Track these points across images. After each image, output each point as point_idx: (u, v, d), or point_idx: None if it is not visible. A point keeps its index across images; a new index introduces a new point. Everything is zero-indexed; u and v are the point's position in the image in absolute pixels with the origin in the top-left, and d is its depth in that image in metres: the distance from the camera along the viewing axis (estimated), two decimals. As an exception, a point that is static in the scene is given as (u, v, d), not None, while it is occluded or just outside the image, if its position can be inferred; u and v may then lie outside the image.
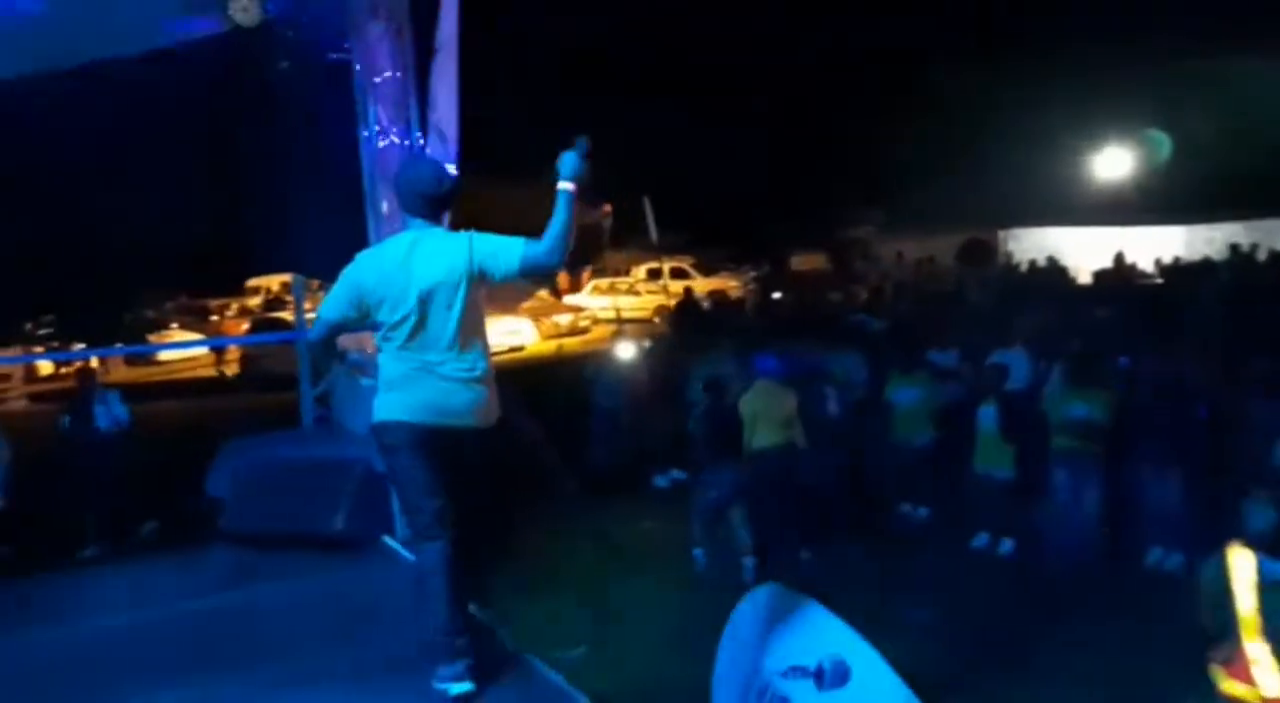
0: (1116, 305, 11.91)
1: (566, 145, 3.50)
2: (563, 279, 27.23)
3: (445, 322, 3.39)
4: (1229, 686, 3.34)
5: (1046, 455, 6.92)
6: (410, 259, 3.41)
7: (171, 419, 13.58)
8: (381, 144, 5.01)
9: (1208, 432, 6.48)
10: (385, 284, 3.38)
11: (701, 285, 24.02)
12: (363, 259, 3.55)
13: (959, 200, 20.38)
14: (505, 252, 3.41)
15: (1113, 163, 18.67)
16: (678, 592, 6.41)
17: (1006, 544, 7.11)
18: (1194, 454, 6.39)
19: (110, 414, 7.71)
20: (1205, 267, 14.73)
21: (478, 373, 3.49)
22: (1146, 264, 16.70)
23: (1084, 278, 16.91)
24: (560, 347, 19.64)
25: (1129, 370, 7.43)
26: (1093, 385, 6.88)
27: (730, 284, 24.39)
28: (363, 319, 3.47)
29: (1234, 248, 15.19)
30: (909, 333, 9.56)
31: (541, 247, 3.39)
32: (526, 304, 21.63)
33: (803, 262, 32.46)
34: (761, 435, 6.86)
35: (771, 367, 7.21)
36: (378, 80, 5.04)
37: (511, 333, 19.95)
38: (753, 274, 26.38)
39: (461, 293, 3.39)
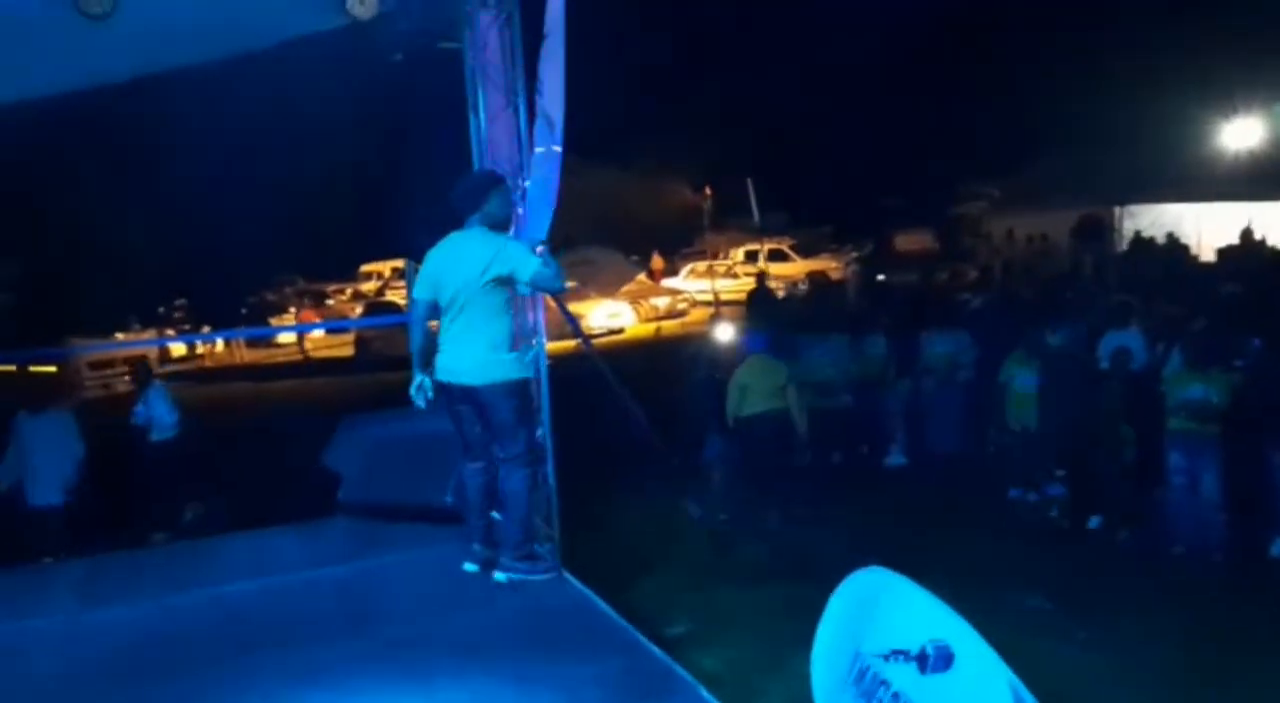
0: (1244, 283, 11.26)
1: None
2: (658, 262, 27.31)
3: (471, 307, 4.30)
4: None
5: (1163, 438, 6.67)
6: (452, 254, 4.34)
7: (290, 397, 14.24)
8: (491, 131, 5.15)
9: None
10: (441, 272, 4.33)
11: (800, 267, 23.77)
12: (431, 250, 4.44)
13: (1074, 175, 19.53)
14: (522, 265, 4.23)
15: (1242, 133, 17.54)
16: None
17: (1124, 533, 6.89)
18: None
19: (148, 413, 7.83)
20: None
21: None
22: (1278, 240, 15.69)
23: (1207, 256, 16.01)
24: (659, 329, 19.75)
25: (1260, 351, 7.05)
26: (1213, 366, 6.58)
27: (831, 265, 24.01)
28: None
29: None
30: (1022, 313, 9.28)
31: (548, 272, 4.24)
32: (626, 288, 21.81)
33: (908, 240, 31.69)
34: (751, 404, 7.67)
35: (762, 344, 8.27)
36: (487, 68, 5.17)
37: (612, 316, 20.17)
38: (854, 255, 25.89)
39: (481, 287, 4.23)
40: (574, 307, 19.28)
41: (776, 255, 25.28)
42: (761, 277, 16.06)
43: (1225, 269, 13.97)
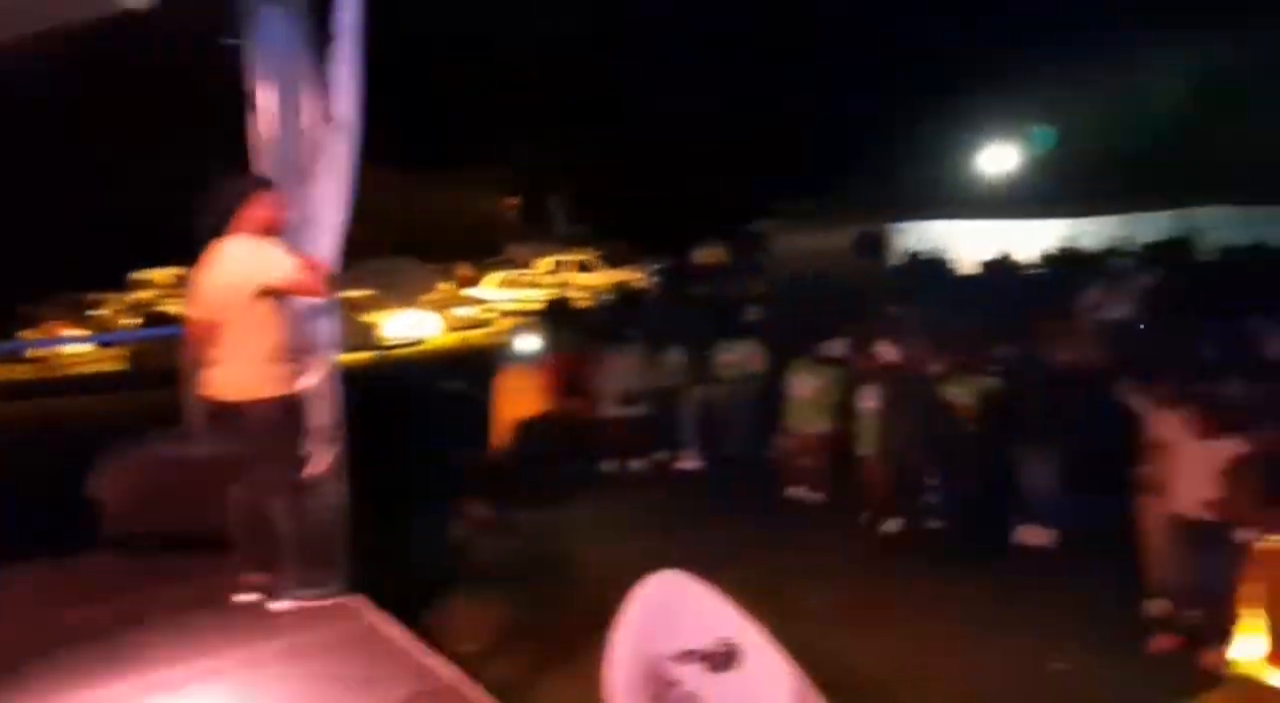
0: (1000, 294, 12.49)
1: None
2: (464, 271, 26.94)
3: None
4: None
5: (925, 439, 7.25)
6: (217, 264, 4.15)
7: (49, 418, 12.94)
8: (272, 132, 4.89)
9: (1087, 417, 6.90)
10: (207, 284, 4.15)
11: (605, 278, 24.12)
12: (199, 262, 4.24)
13: (854, 195, 21.01)
14: (281, 273, 4.11)
15: (997, 158, 19.50)
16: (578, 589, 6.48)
17: (894, 523, 7.45)
18: (1071, 440, 6.79)
19: None
20: (1088, 257, 15.55)
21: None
22: (1029, 256, 17.54)
23: (971, 268, 17.65)
24: (464, 339, 19.47)
25: (1011, 359, 7.81)
26: (969, 372, 7.22)
27: (635, 277, 24.55)
28: None
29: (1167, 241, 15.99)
30: (803, 323, 9.87)
31: (310, 279, 4.17)
32: (429, 297, 21.34)
33: (704, 255, 32.86)
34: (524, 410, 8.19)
35: (524, 354, 9.05)
36: (270, 65, 4.91)
37: (415, 326, 19.67)
38: (656, 266, 26.60)
39: (245, 297, 4.07)
40: (373, 316, 18.66)
41: (582, 266, 25.53)
42: (560, 291, 16.13)
43: (984, 282, 15.41)
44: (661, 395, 9.39)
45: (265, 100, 4.87)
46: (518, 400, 8.18)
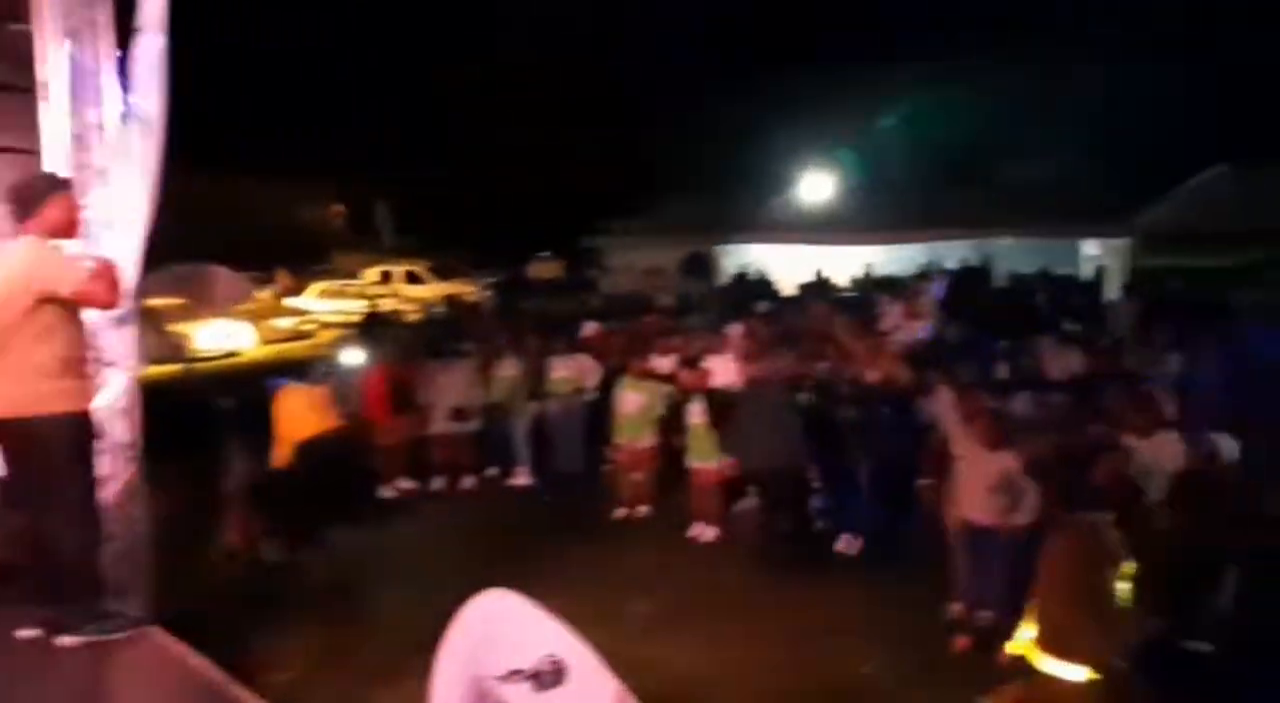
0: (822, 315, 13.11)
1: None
2: (284, 280, 25.74)
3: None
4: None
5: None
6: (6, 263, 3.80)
7: None
8: (64, 124, 4.51)
9: (890, 431, 7.35)
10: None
11: (436, 290, 23.64)
12: None
13: (685, 216, 21.56)
14: (65, 279, 3.77)
15: (815, 186, 20.58)
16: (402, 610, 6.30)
17: (712, 532, 7.71)
18: (877, 450, 7.21)
19: None
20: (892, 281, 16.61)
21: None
22: (842, 279, 18.61)
23: (790, 289, 18.49)
24: (281, 351, 18.55)
25: (823, 376, 8.22)
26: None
27: (466, 290, 24.17)
28: None
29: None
30: (630, 341, 10.04)
31: (97, 286, 3.81)
32: (244, 307, 20.22)
33: (539, 269, 32.84)
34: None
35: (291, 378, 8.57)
36: (62, 56, 4.53)
37: (226, 337, 18.56)
38: (489, 280, 26.32)
39: (27, 304, 3.71)
40: (182, 326, 17.49)
41: (412, 278, 24.92)
42: (389, 303, 15.67)
43: (803, 302, 16.15)
44: (493, 411, 9.29)
45: (58, 92, 4.50)
46: (300, 418, 7.76)
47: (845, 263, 19.38)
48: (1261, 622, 4.71)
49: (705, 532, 7.77)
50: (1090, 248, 18.77)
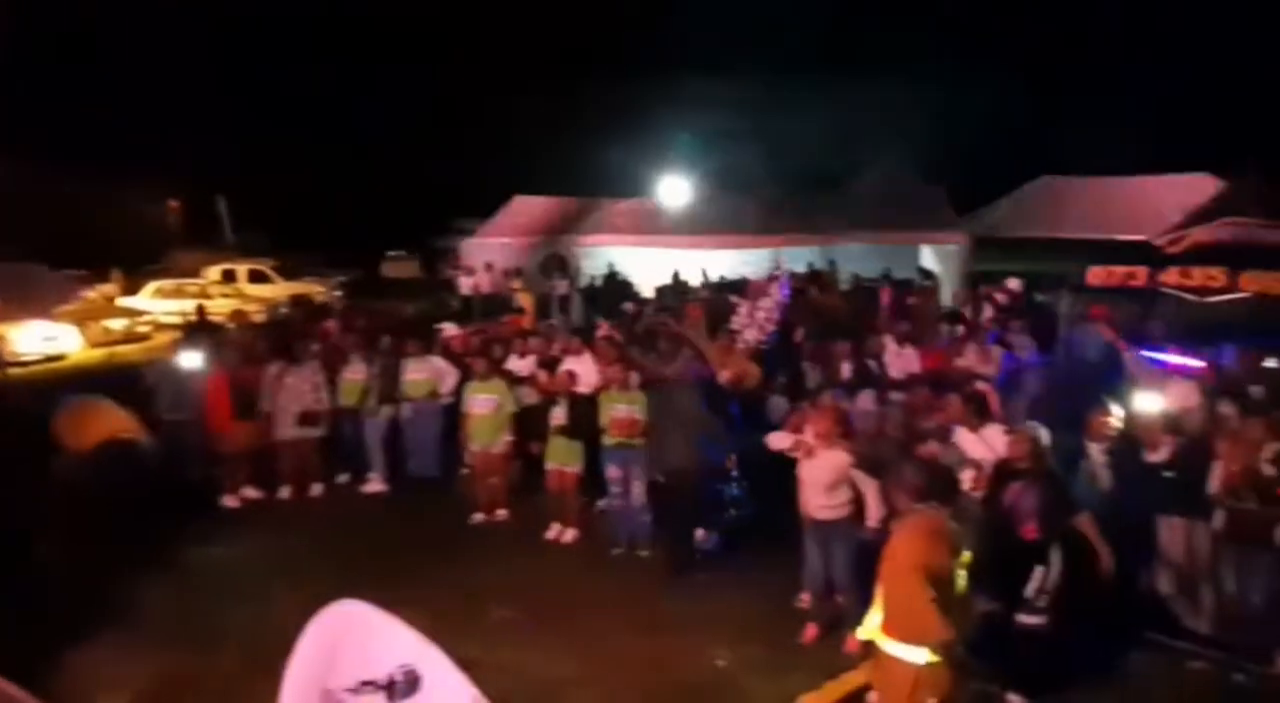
0: (674, 314, 13.39)
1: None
2: (115, 280, 24.14)
3: None
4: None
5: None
6: None
7: None
8: None
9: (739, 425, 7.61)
10: None
11: (283, 290, 22.70)
12: None
13: (543, 215, 21.50)
14: None
15: (673, 189, 20.92)
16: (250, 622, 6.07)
17: (571, 533, 7.78)
18: (730, 446, 7.44)
19: None
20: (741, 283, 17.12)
21: None
22: (697, 280, 19.05)
23: (647, 291, 18.76)
24: (112, 355, 17.39)
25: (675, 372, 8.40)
26: (640, 388, 7.68)
27: (316, 289, 23.27)
28: None
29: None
30: (487, 342, 9.97)
31: None
32: (68, 307, 18.82)
33: (394, 268, 32.00)
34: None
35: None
36: None
37: (48, 340, 17.22)
38: (340, 279, 25.41)
39: None
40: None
41: (258, 277, 23.79)
42: (200, 308, 14.84)
43: (658, 303, 16.44)
44: (343, 415, 9.03)
45: None
46: (88, 426, 7.23)
47: (700, 265, 19.82)
48: (1079, 594, 5.18)
49: (564, 534, 7.82)
50: (928, 253, 19.86)
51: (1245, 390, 7.57)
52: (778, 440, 6.18)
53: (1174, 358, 8.39)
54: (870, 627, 4.19)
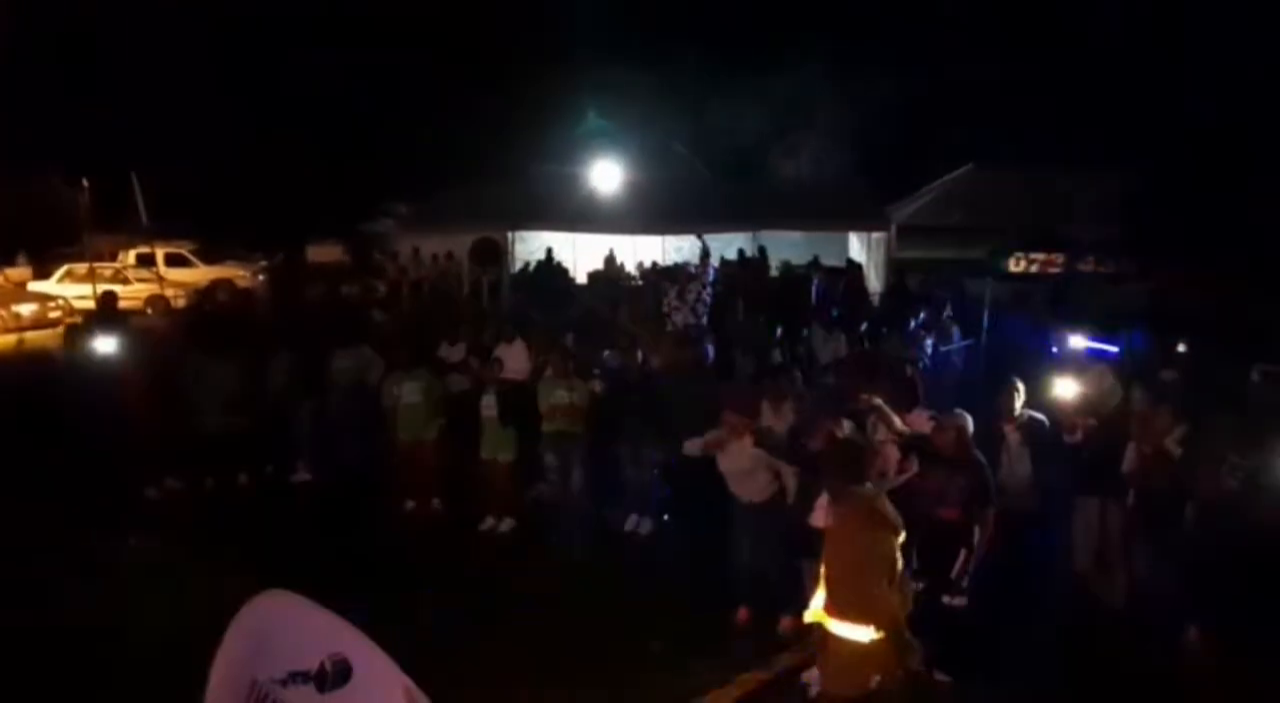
0: (610, 302, 13.39)
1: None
2: (26, 264, 23.13)
3: None
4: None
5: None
6: None
7: None
8: None
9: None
10: None
11: (203, 274, 22.02)
12: None
13: (473, 201, 21.20)
14: None
15: (606, 175, 20.84)
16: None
17: (507, 522, 7.68)
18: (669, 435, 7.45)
19: None
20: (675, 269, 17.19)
21: None
22: (630, 267, 19.06)
23: (580, 278, 18.70)
24: (21, 341, 16.68)
25: (611, 361, 8.41)
26: (577, 375, 7.66)
27: (238, 273, 22.61)
28: None
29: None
30: (417, 330, 9.81)
31: None
32: (-28, 292, 17.98)
33: (320, 252, 31.19)
34: None
35: None
36: None
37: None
38: (263, 263, 24.72)
39: None
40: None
41: (177, 260, 23.00)
42: (110, 292, 14.30)
43: (593, 290, 16.41)
44: (270, 405, 8.79)
45: None
46: None
47: (633, 251, 19.84)
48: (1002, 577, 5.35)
49: (500, 523, 7.74)
50: (855, 241, 20.21)
51: (1156, 374, 7.89)
52: (691, 447, 6.18)
53: (1092, 343, 8.69)
54: (815, 609, 4.23)
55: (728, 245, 18.80)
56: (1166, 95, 23.02)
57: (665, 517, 7.60)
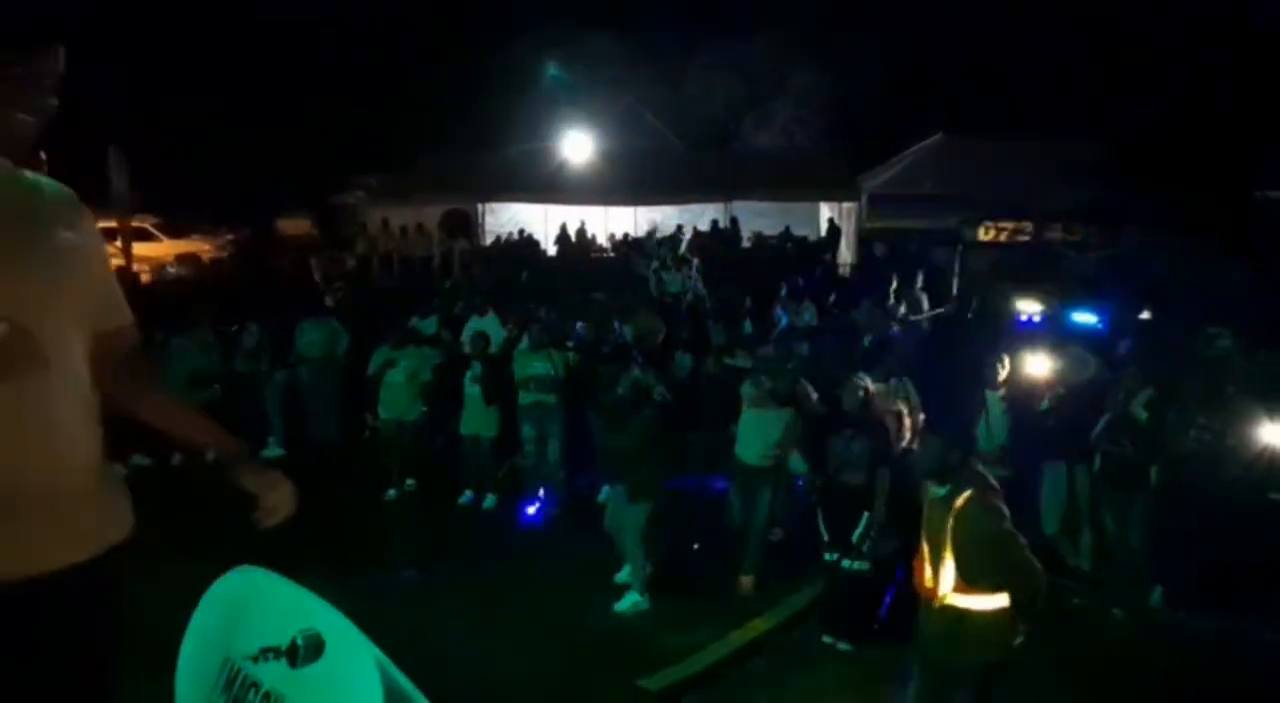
0: (579, 275, 13.34)
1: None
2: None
3: None
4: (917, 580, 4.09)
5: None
6: None
7: None
8: None
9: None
10: None
11: (168, 248, 21.65)
12: None
13: (443, 173, 20.96)
14: None
15: (577, 145, 20.67)
16: None
17: (490, 499, 7.66)
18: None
19: None
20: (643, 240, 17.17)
21: None
22: (603, 239, 18.99)
23: (551, 249, 18.60)
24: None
25: (581, 333, 8.38)
26: (554, 346, 7.63)
27: (204, 247, 22.25)
28: None
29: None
30: (393, 302, 9.71)
31: None
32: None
33: (289, 225, 30.73)
34: None
35: None
36: None
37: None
38: (230, 237, 24.34)
39: None
40: None
41: (140, 234, 22.59)
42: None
43: (563, 262, 16.34)
44: (238, 379, 8.68)
45: None
46: None
47: (605, 223, 19.75)
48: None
49: (482, 499, 7.71)
50: (826, 211, 20.24)
51: (1122, 341, 7.99)
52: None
53: (1075, 314, 8.76)
54: (946, 592, 4.04)
55: (698, 217, 18.75)
56: (1140, 61, 23.15)
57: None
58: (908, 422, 6.06)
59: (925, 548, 4.05)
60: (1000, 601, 3.84)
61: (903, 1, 25.88)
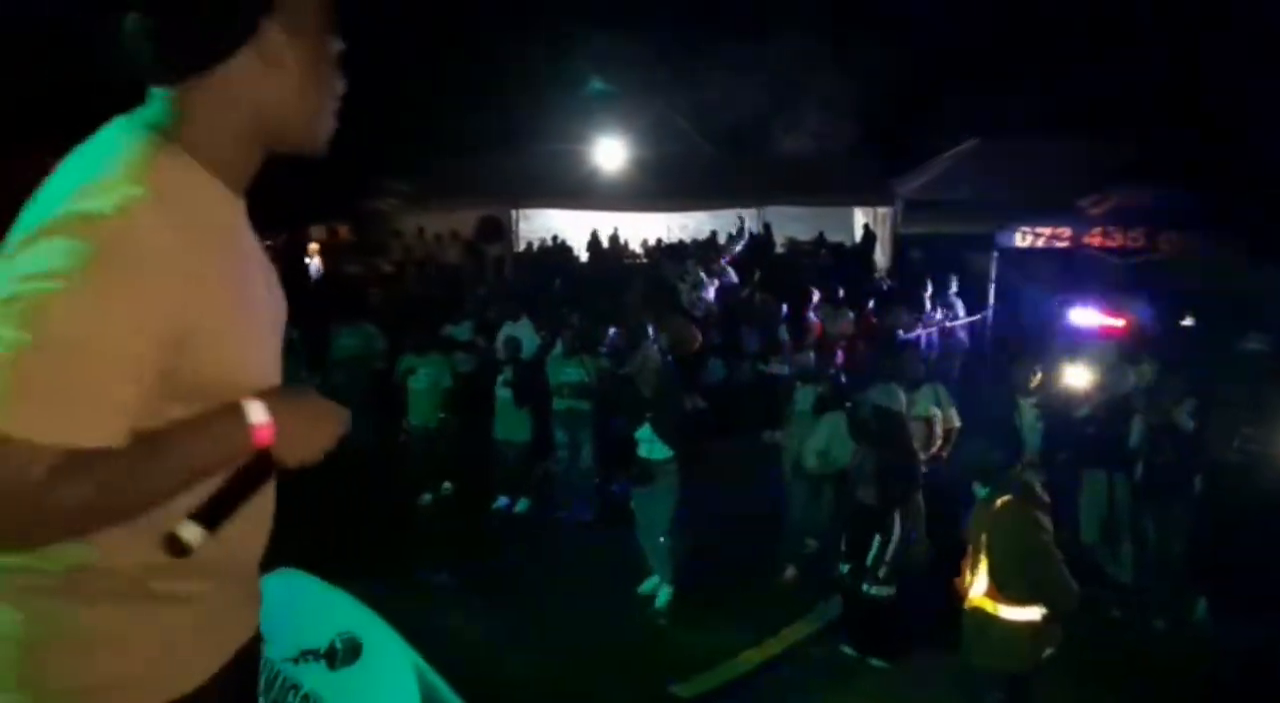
0: (611, 281, 13.33)
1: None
2: None
3: None
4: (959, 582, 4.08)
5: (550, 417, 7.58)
6: None
7: None
8: None
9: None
10: None
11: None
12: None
13: (479, 179, 21.00)
14: None
15: (609, 153, 20.65)
16: None
17: (523, 503, 7.69)
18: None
19: None
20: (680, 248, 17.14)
21: None
22: (635, 245, 18.98)
23: (584, 256, 18.61)
24: None
25: (615, 338, 8.37)
26: (586, 352, 7.64)
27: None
28: None
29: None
30: (427, 308, 9.78)
31: None
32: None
33: (323, 231, 31.02)
34: None
35: None
36: None
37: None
38: (267, 243, 24.58)
39: None
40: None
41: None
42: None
43: (596, 269, 16.36)
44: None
45: None
46: None
47: (637, 229, 19.73)
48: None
49: (514, 503, 7.74)
50: (860, 216, 20.04)
51: (1163, 348, 7.86)
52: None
53: (1102, 318, 8.64)
54: (978, 596, 4.03)
55: (731, 222, 18.71)
56: (1179, 63, 22.76)
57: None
58: (939, 429, 5.99)
59: (969, 547, 4.03)
60: (1029, 614, 3.80)
61: (932, 3, 25.69)
